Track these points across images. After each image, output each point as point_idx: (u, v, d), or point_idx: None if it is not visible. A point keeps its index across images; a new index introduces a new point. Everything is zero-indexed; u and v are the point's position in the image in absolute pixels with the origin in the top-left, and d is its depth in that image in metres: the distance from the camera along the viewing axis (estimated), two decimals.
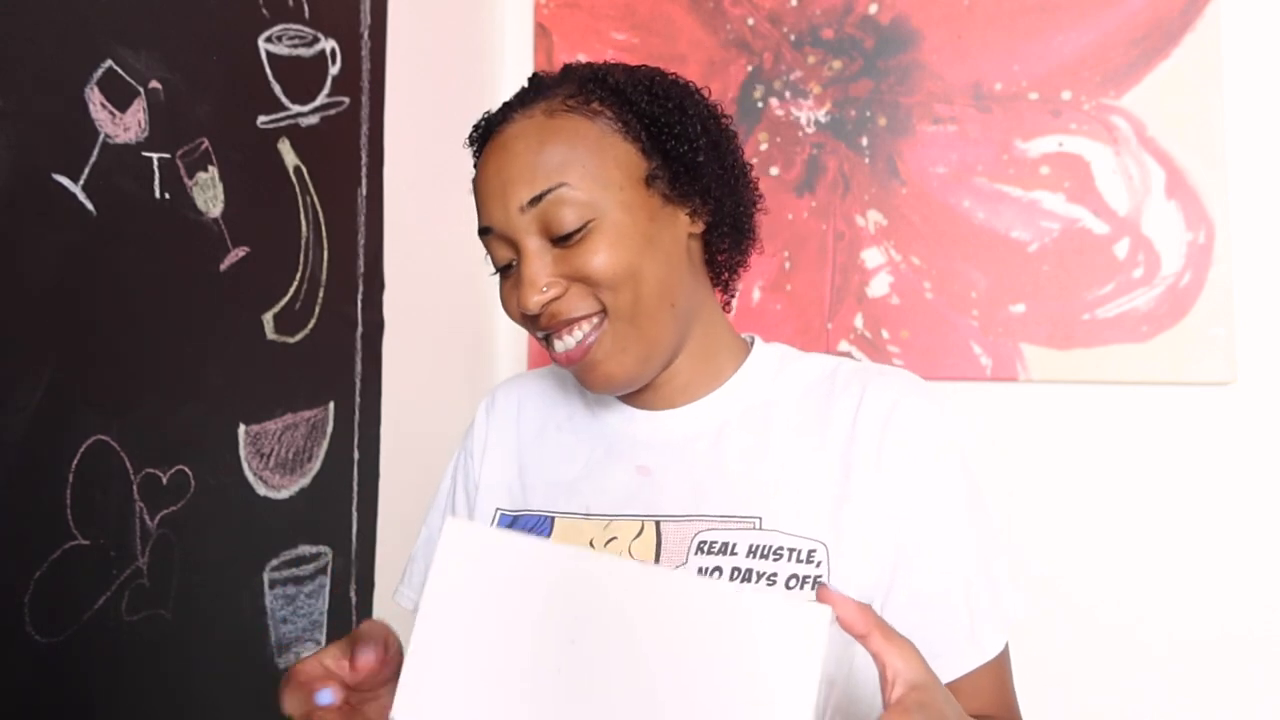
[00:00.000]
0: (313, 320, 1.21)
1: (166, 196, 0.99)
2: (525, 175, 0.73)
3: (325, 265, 1.23)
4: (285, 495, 1.16)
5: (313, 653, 0.64)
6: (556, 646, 0.55)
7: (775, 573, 0.70)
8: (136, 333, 0.95)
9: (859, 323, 1.54)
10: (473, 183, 0.79)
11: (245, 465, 1.09)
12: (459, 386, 1.57)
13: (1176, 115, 1.44)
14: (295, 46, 1.19)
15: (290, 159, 1.18)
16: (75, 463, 0.88)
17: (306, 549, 1.20)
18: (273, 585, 1.14)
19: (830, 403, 0.78)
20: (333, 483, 1.25)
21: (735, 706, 0.51)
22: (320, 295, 1.22)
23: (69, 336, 0.88)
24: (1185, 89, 1.44)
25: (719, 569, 0.71)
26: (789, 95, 1.60)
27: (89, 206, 0.90)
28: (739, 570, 0.71)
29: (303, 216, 1.20)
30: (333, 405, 1.25)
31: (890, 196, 1.54)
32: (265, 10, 1.14)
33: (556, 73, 0.81)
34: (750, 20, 1.62)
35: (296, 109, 1.19)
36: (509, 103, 0.79)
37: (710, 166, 0.79)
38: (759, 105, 1.61)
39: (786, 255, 1.58)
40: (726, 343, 0.83)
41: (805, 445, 0.77)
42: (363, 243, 1.31)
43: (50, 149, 0.86)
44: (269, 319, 1.14)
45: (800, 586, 0.70)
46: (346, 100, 1.28)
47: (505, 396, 0.91)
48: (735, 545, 0.72)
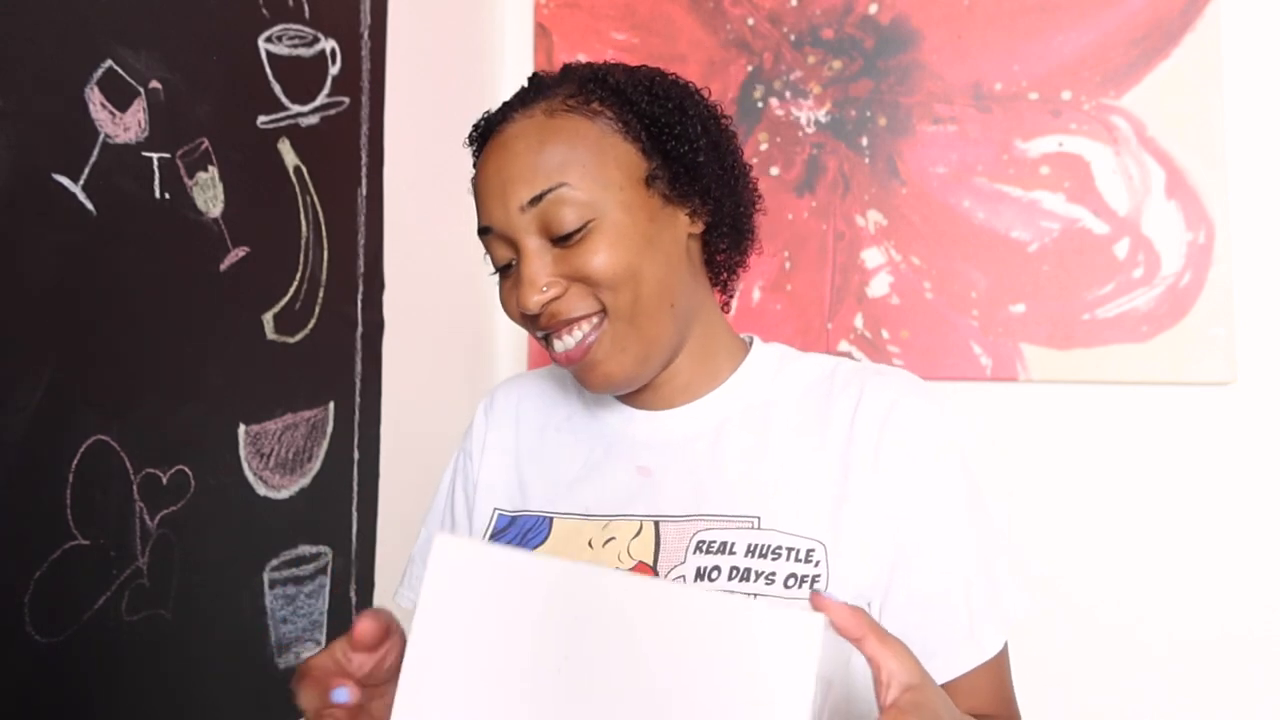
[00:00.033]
0: (313, 320, 1.21)
1: (166, 196, 0.99)
2: (525, 175, 0.73)
3: (325, 265, 1.23)
4: (285, 495, 1.16)
5: (323, 648, 0.64)
6: (551, 660, 0.55)
7: (774, 572, 0.70)
8: (136, 333, 0.95)
9: (859, 323, 1.54)
10: (472, 182, 0.79)
11: (245, 465, 1.09)
12: (459, 386, 1.57)
13: (1176, 115, 1.44)
14: (295, 46, 1.19)
15: (290, 159, 1.18)
16: (75, 463, 0.88)
17: (306, 549, 1.20)
18: (273, 585, 1.14)
19: (829, 403, 0.78)
20: (333, 483, 1.25)
21: (732, 716, 0.51)
22: (320, 295, 1.22)
23: (69, 336, 0.88)
24: (1185, 89, 1.44)
25: (717, 568, 0.71)
26: (789, 95, 1.60)
27: (89, 206, 0.90)
28: (737, 569, 0.71)
29: (303, 216, 1.20)
30: (333, 405, 1.25)
31: (890, 196, 1.54)
32: (265, 10, 1.14)
33: (556, 73, 0.81)
34: (750, 20, 1.62)
35: (296, 109, 1.19)
36: (509, 102, 0.79)
37: (710, 167, 0.79)
38: (759, 105, 1.61)
39: (786, 255, 1.58)
40: (725, 343, 0.83)
41: (804, 445, 0.77)
42: (363, 243, 1.31)
43: (50, 149, 0.86)
44: (269, 319, 1.14)
45: (798, 585, 0.70)
46: (346, 100, 1.28)
47: (504, 397, 0.91)
48: (734, 544, 0.72)
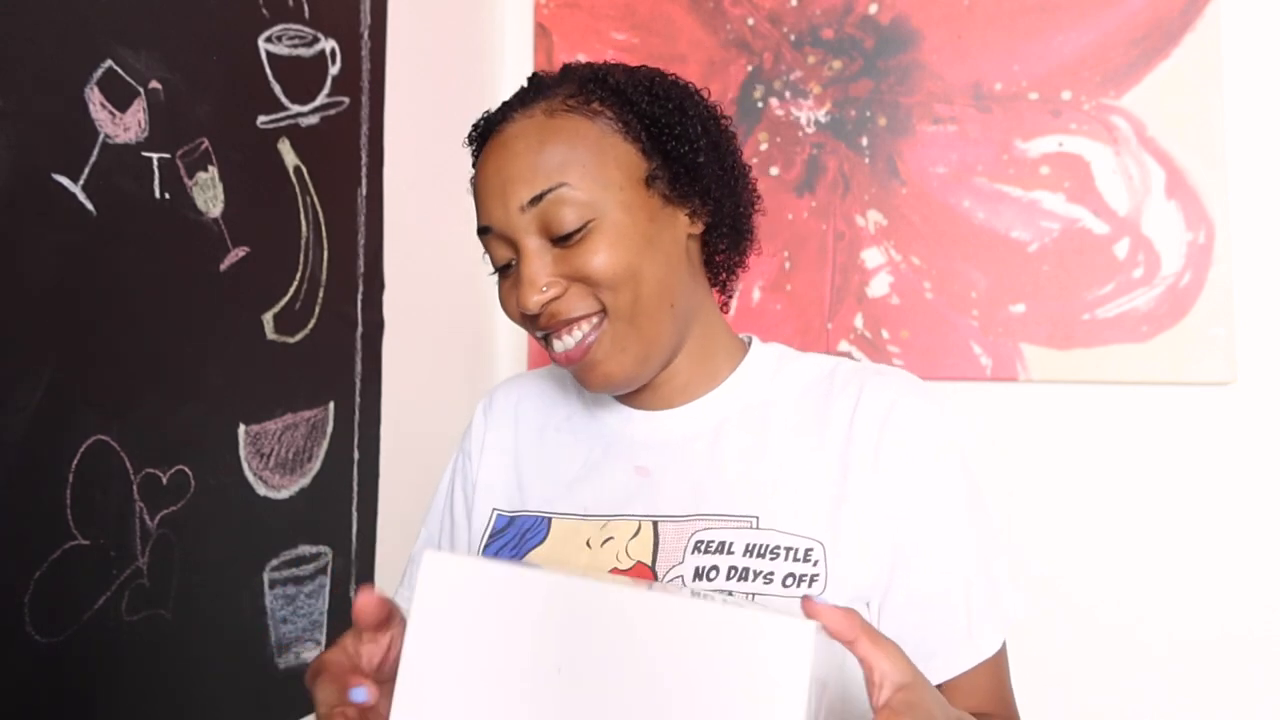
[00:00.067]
0: (313, 320, 1.21)
1: (166, 196, 0.99)
2: (525, 175, 0.73)
3: (325, 265, 1.23)
4: (285, 495, 1.16)
5: (336, 643, 0.63)
6: (544, 673, 0.55)
7: (772, 572, 0.70)
8: (136, 333, 0.95)
9: (859, 323, 1.54)
10: (471, 182, 0.79)
11: (245, 465, 1.09)
12: (459, 386, 1.57)
13: (1176, 115, 1.44)
14: (295, 46, 1.19)
15: (290, 159, 1.18)
16: (75, 463, 0.88)
17: (306, 549, 1.20)
18: (273, 585, 1.14)
19: (828, 402, 0.78)
20: (333, 483, 1.25)
21: None
22: (320, 295, 1.22)
23: (69, 336, 0.88)
24: (1185, 89, 1.44)
25: (716, 568, 0.71)
26: (789, 95, 1.60)
27: (89, 206, 0.90)
28: (735, 569, 0.71)
29: (303, 216, 1.20)
30: (333, 405, 1.25)
31: (890, 196, 1.54)
32: (265, 10, 1.14)
33: (556, 73, 0.81)
34: (750, 20, 1.62)
35: (296, 109, 1.19)
36: (509, 102, 0.79)
37: (710, 167, 0.79)
38: (759, 105, 1.61)
39: (786, 255, 1.58)
40: (724, 343, 0.83)
41: (803, 445, 0.77)
42: (363, 243, 1.31)
43: (50, 149, 0.86)
44: (269, 319, 1.14)
45: (797, 585, 0.70)
46: (346, 100, 1.28)
47: (503, 397, 0.91)
48: (732, 544, 0.72)
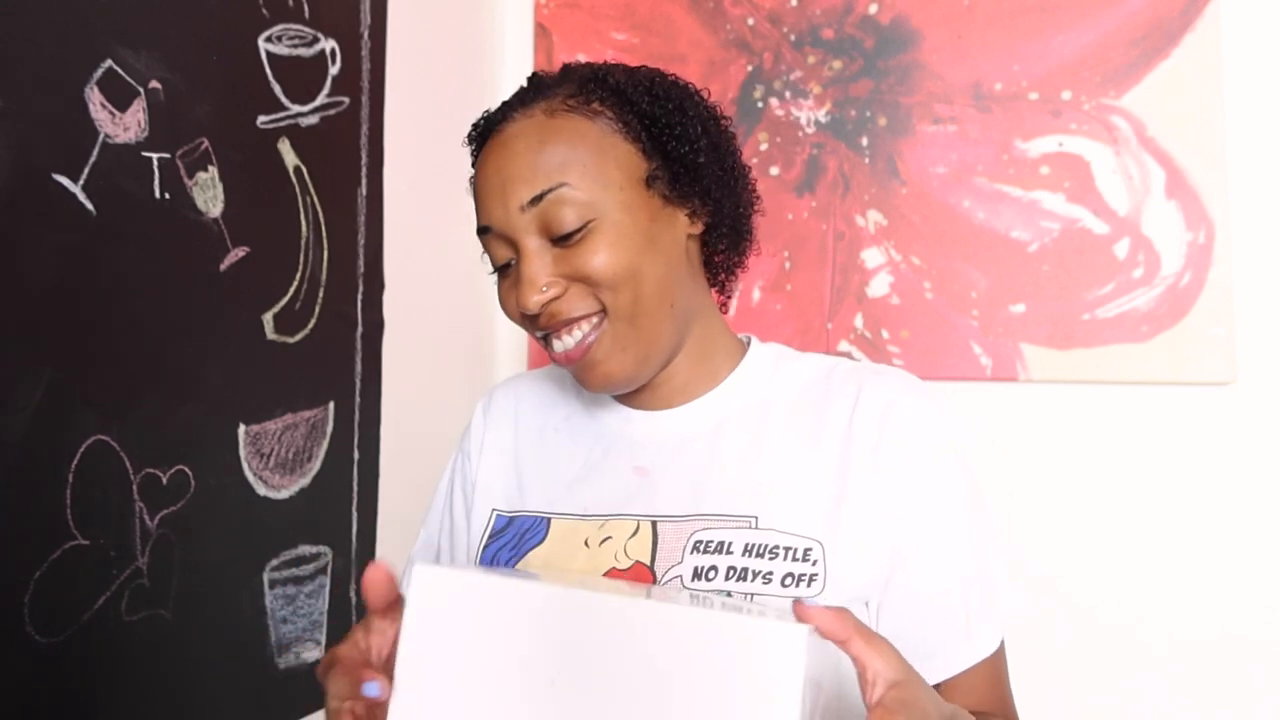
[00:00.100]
0: (313, 320, 1.21)
1: (166, 196, 0.99)
2: (526, 174, 0.73)
3: (325, 265, 1.23)
4: (285, 495, 1.16)
5: (347, 636, 0.63)
6: (537, 686, 0.55)
7: (771, 571, 0.70)
8: (136, 333, 0.95)
9: (859, 323, 1.54)
10: (471, 182, 0.79)
11: (245, 465, 1.09)
12: (459, 386, 1.57)
13: (1176, 115, 1.44)
14: (295, 46, 1.19)
15: (290, 159, 1.18)
16: (75, 463, 0.88)
17: (306, 549, 1.20)
18: (273, 585, 1.14)
19: (827, 402, 0.78)
20: (333, 483, 1.25)
21: None
22: (320, 295, 1.22)
23: (69, 336, 0.88)
24: (1185, 89, 1.44)
25: (714, 568, 0.71)
26: (789, 95, 1.59)
27: (89, 206, 0.90)
28: (734, 569, 0.71)
29: (303, 216, 1.20)
30: (333, 405, 1.25)
31: (890, 196, 1.54)
32: (265, 10, 1.14)
33: (556, 73, 0.81)
34: (750, 20, 1.62)
35: (296, 109, 1.19)
36: (508, 102, 0.79)
37: (710, 168, 0.79)
38: (759, 105, 1.61)
39: (786, 255, 1.58)
40: (723, 343, 0.83)
41: (802, 445, 0.77)
42: (363, 243, 1.31)
43: (50, 149, 0.86)
44: (269, 319, 1.14)
45: (796, 585, 0.70)
46: (346, 100, 1.28)
47: (503, 397, 0.91)
48: (731, 544, 0.72)
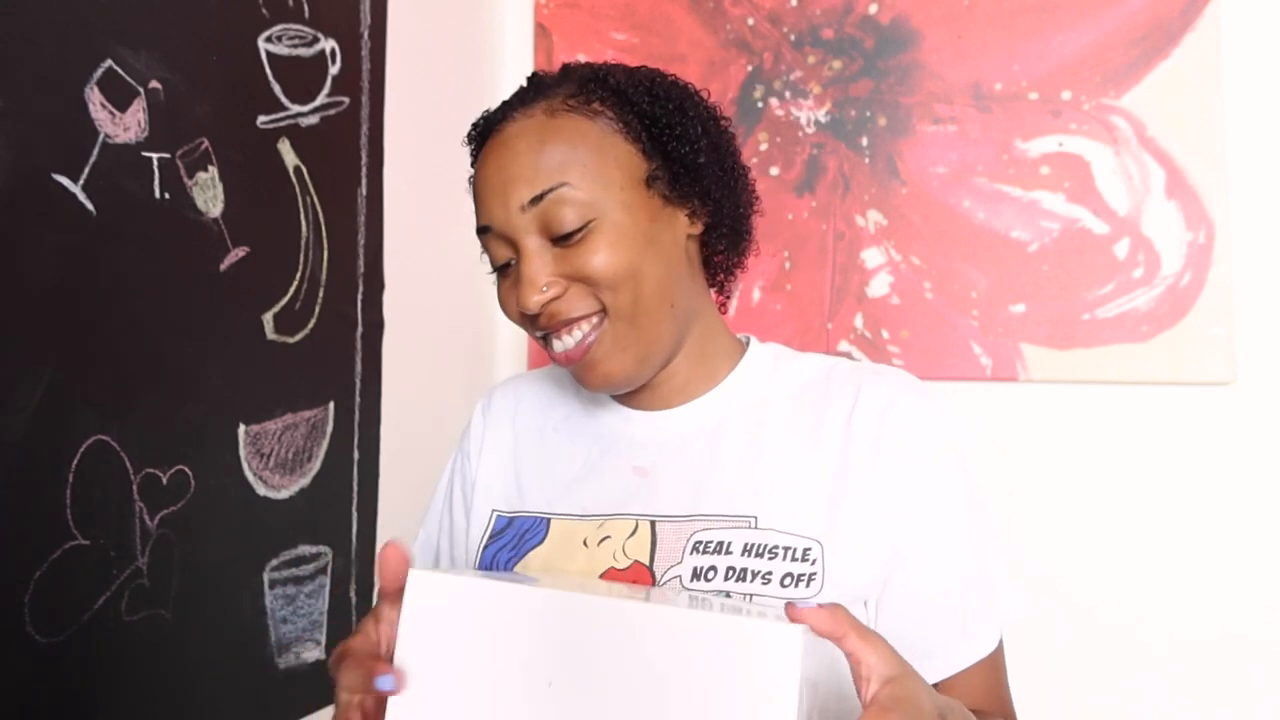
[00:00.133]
0: (313, 320, 1.21)
1: (166, 196, 0.99)
2: (526, 174, 0.73)
3: (325, 265, 1.23)
4: (285, 495, 1.16)
5: (358, 628, 0.63)
6: (535, 689, 0.55)
7: (770, 571, 0.70)
8: (136, 333, 0.95)
9: (859, 323, 1.54)
10: (471, 181, 0.79)
11: (245, 465, 1.09)
12: (459, 386, 1.57)
13: (1176, 115, 1.44)
14: (295, 46, 1.19)
15: (290, 159, 1.18)
16: (75, 463, 0.88)
17: (306, 549, 1.20)
18: (273, 585, 1.14)
19: (826, 402, 0.78)
20: (333, 483, 1.25)
21: None
22: (320, 295, 1.22)
23: (69, 336, 0.88)
24: (1185, 89, 1.44)
25: (714, 568, 0.71)
26: (789, 95, 1.59)
27: (89, 206, 0.90)
28: (734, 569, 0.71)
29: (303, 216, 1.20)
30: (333, 405, 1.25)
31: (890, 196, 1.54)
32: (265, 10, 1.14)
33: (556, 72, 0.81)
34: (750, 20, 1.62)
35: (296, 109, 1.19)
36: (508, 102, 0.79)
37: (710, 168, 0.79)
38: (759, 105, 1.61)
39: (786, 255, 1.58)
40: (723, 343, 0.84)
41: (801, 444, 0.77)
42: (363, 243, 1.31)
43: (50, 149, 0.86)
44: (269, 319, 1.14)
45: (795, 585, 0.70)
46: (346, 100, 1.28)
47: (502, 397, 0.91)
48: (730, 544, 0.72)
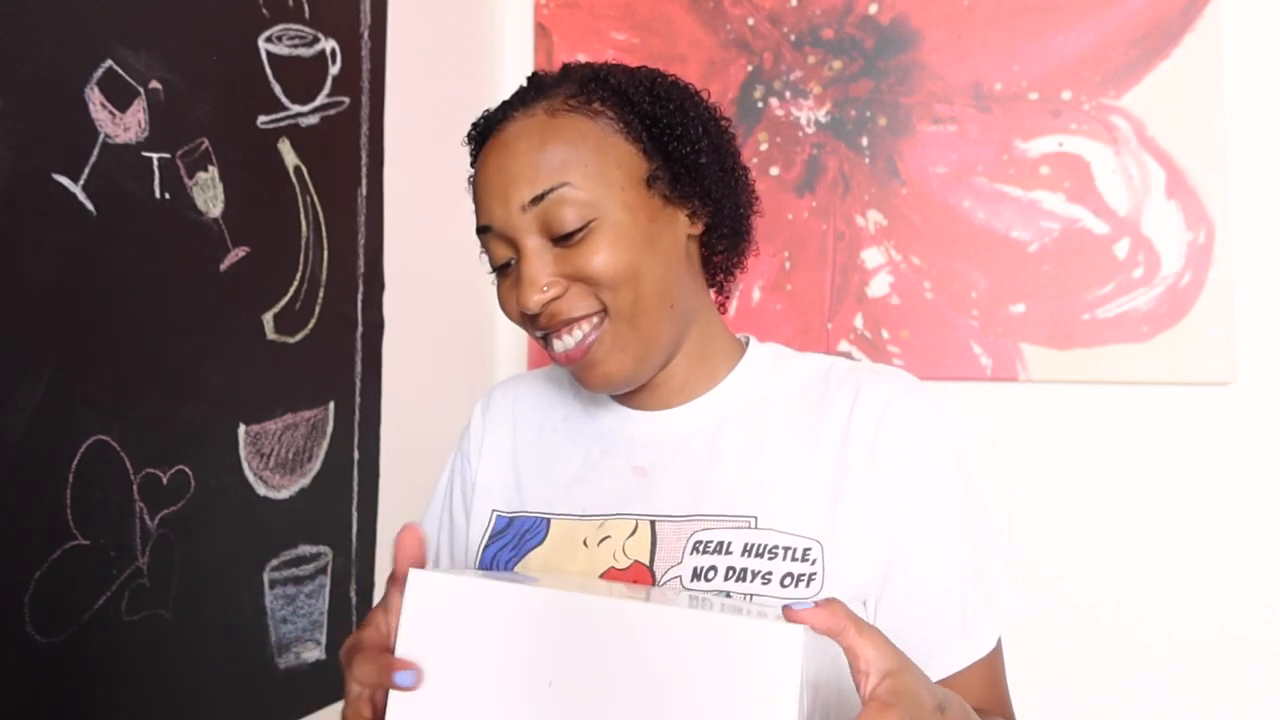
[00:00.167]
0: (313, 320, 1.21)
1: (166, 196, 0.99)
2: (527, 174, 0.73)
3: (325, 265, 1.23)
4: (285, 495, 1.16)
5: (368, 619, 0.63)
6: (535, 689, 0.55)
7: (770, 571, 0.70)
8: (136, 333, 0.95)
9: (859, 323, 1.54)
10: (470, 181, 0.79)
11: (245, 465, 1.09)
12: (459, 386, 1.57)
13: (1176, 115, 1.44)
14: (295, 46, 1.19)
15: (290, 159, 1.18)
16: (75, 463, 0.88)
17: (306, 549, 1.20)
18: (273, 585, 1.14)
19: (825, 402, 0.78)
20: (333, 483, 1.25)
21: None
22: (320, 295, 1.22)
23: (69, 336, 0.88)
24: (1185, 89, 1.44)
25: (714, 568, 0.71)
26: (789, 95, 1.59)
27: (89, 206, 0.90)
28: (734, 569, 0.71)
29: (303, 216, 1.20)
30: (333, 405, 1.25)
31: (890, 196, 1.54)
32: (265, 10, 1.14)
33: (556, 72, 0.81)
34: (750, 20, 1.62)
35: (296, 109, 1.19)
36: (509, 101, 0.79)
37: (711, 168, 0.79)
38: (759, 105, 1.61)
39: (786, 255, 1.58)
40: (722, 343, 0.84)
41: (800, 444, 0.77)
42: (363, 243, 1.31)
43: (50, 149, 0.86)
44: (269, 319, 1.14)
45: (795, 585, 0.70)
46: (346, 100, 1.28)
47: (501, 397, 0.91)
48: (730, 544, 0.72)
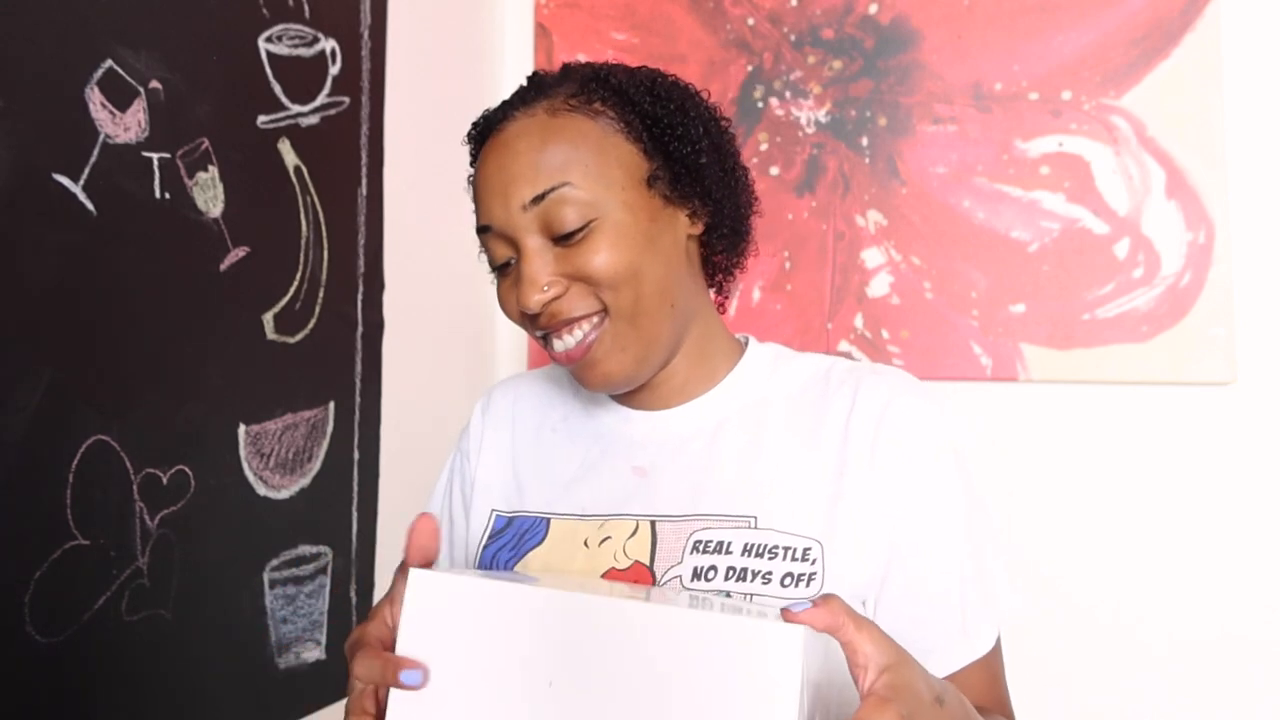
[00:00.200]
0: (313, 320, 1.21)
1: (166, 196, 0.99)
2: (528, 174, 0.73)
3: (325, 265, 1.23)
4: (285, 495, 1.16)
5: (372, 613, 0.63)
6: (536, 689, 0.55)
7: (770, 571, 0.70)
8: (136, 333, 0.95)
9: (859, 323, 1.54)
10: (470, 180, 0.79)
11: (245, 465, 1.09)
12: (459, 386, 1.57)
13: (1176, 115, 1.44)
14: (295, 46, 1.19)
15: (290, 159, 1.18)
16: (75, 463, 0.88)
17: (306, 549, 1.20)
18: (273, 585, 1.14)
19: (824, 402, 0.78)
20: (333, 483, 1.25)
21: None
22: (320, 295, 1.22)
23: (69, 336, 0.88)
24: (1185, 89, 1.44)
25: (714, 568, 0.71)
26: (789, 95, 1.60)
27: (89, 206, 0.90)
28: (734, 569, 0.71)
29: (303, 216, 1.20)
30: (333, 405, 1.25)
31: (890, 196, 1.54)
32: (265, 10, 1.14)
33: (557, 72, 0.81)
34: (750, 20, 1.62)
35: (296, 109, 1.19)
36: (509, 101, 0.79)
37: (711, 169, 0.79)
38: (759, 105, 1.61)
39: (786, 255, 1.58)
40: (722, 343, 0.84)
41: (800, 444, 0.77)
42: (363, 243, 1.31)
43: (50, 149, 0.86)
44: (269, 319, 1.14)
45: (795, 585, 0.70)
46: (346, 100, 1.28)
47: (501, 396, 0.91)
48: (730, 544, 0.72)
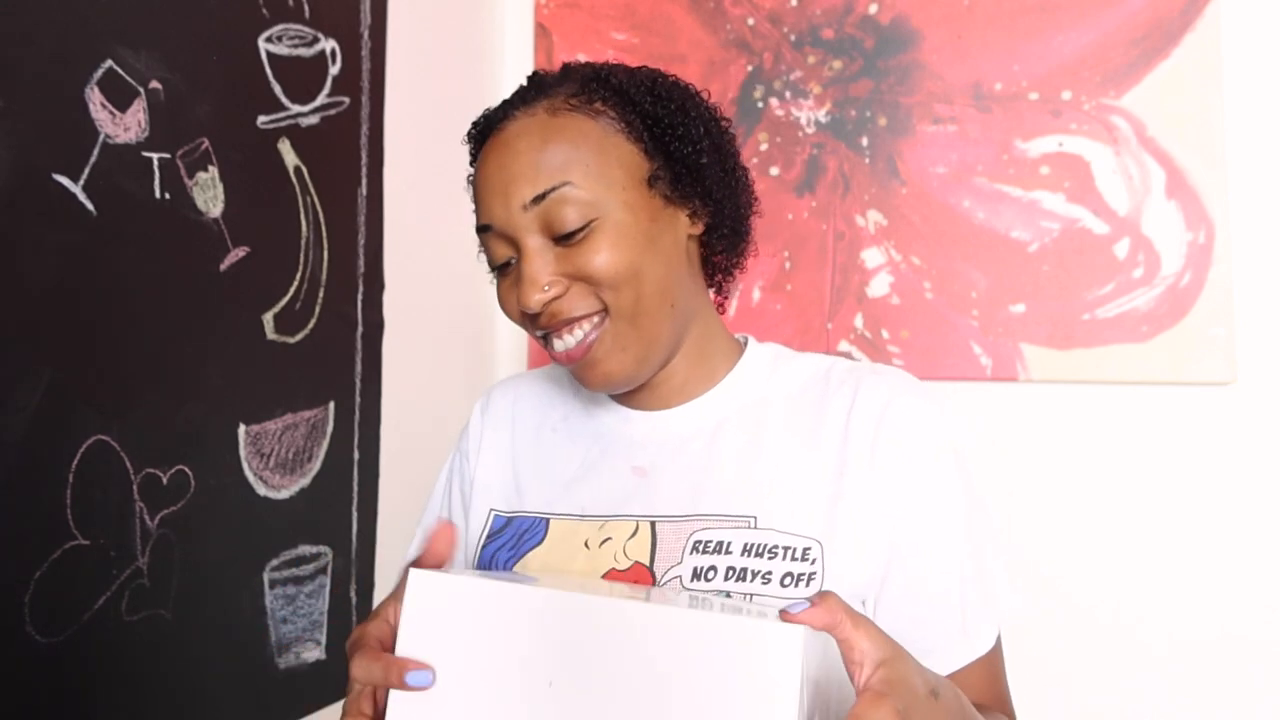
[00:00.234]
0: (313, 320, 1.21)
1: (166, 196, 0.99)
2: (528, 173, 0.73)
3: (325, 265, 1.23)
4: (285, 495, 1.16)
5: (375, 612, 0.63)
6: (535, 689, 0.55)
7: (770, 571, 0.70)
8: (136, 333, 0.95)
9: (859, 323, 1.54)
10: (470, 180, 0.79)
11: (245, 465, 1.09)
12: (459, 386, 1.57)
13: (1176, 115, 1.44)
14: (295, 46, 1.19)
15: (290, 159, 1.18)
16: (75, 463, 0.88)
17: (306, 549, 1.20)
18: (273, 585, 1.14)
19: (824, 402, 0.78)
20: (333, 483, 1.25)
21: None
22: (320, 295, 1.22)
23: (69, 336, 0.88)
24: (1185, 89, 1.44)
25: (714, 568, 0.71)
26: (789, 95, 1.59)
27: (89, 206, 0.90)
28: (734, 569, 0.71)
29: (303, 216, 1.20)
30: (333, 405, 1.25)
31: (890, 196, 1.54)
32: (265, 10, 1.14)
33: (557, 72, 0.81)
34: (750, 20, 1.62)
35: (296, 109, 1.19)
36: (509, 100, 0.79)
37: (712, 169, 0.79)
38: (759, 105, 1.61)
39: (786, 255, 1.58)
40: (721, 343, 0.84)
41: (799, 444, 0.77)
42: (363, 243, 1.31)
43: (50, 149, 0.86)
44: (269, 319, 1.14)
45: (795, 585, 0.70)
46: (346, 100, 1.28)
47: (501, 396, 0.91)
48: (730, 544, 0.72)
